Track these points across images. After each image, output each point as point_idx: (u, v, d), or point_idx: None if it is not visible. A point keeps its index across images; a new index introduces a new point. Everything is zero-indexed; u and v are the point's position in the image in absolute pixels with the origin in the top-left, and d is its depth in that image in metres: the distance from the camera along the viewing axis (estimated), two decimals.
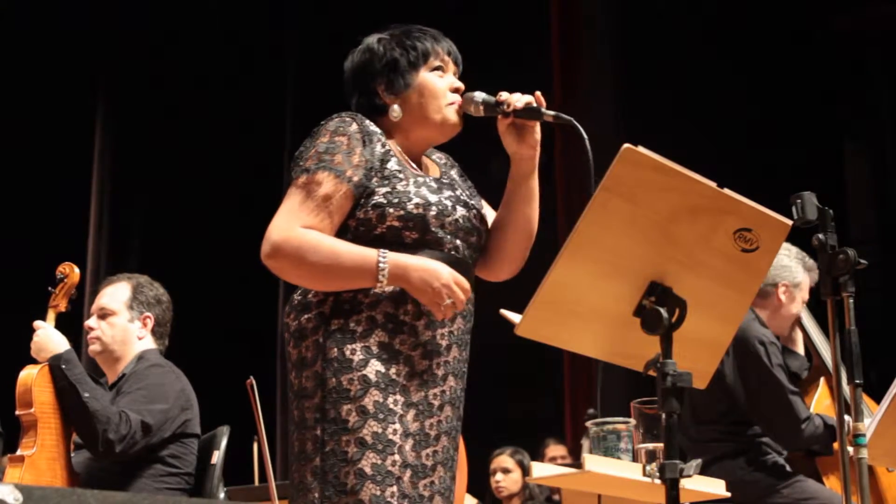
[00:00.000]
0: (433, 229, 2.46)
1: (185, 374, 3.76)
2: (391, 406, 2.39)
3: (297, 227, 2.42)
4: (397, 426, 2.38)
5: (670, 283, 2.12)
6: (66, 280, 3.71)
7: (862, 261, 2.52)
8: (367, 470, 2.35)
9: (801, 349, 4.11)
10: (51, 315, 3.66)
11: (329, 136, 2.48)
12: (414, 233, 2.45)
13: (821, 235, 2.56)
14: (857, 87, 8.06)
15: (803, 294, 3.99)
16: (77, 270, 3.75)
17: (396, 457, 2.37)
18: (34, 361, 3.53)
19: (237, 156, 8.88)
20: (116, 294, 3.79)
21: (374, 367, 2.40)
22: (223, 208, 8.79)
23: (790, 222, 2.24)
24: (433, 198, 2.48)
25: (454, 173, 2.70)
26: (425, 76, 2.58)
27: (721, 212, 2.13)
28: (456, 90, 2.59)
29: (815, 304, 3.76)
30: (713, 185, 2.11)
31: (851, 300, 2.51)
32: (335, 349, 2.42)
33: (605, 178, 2.01)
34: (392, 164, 2.49)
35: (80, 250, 8.92)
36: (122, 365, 3.73)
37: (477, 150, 2.93)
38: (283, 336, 2.57)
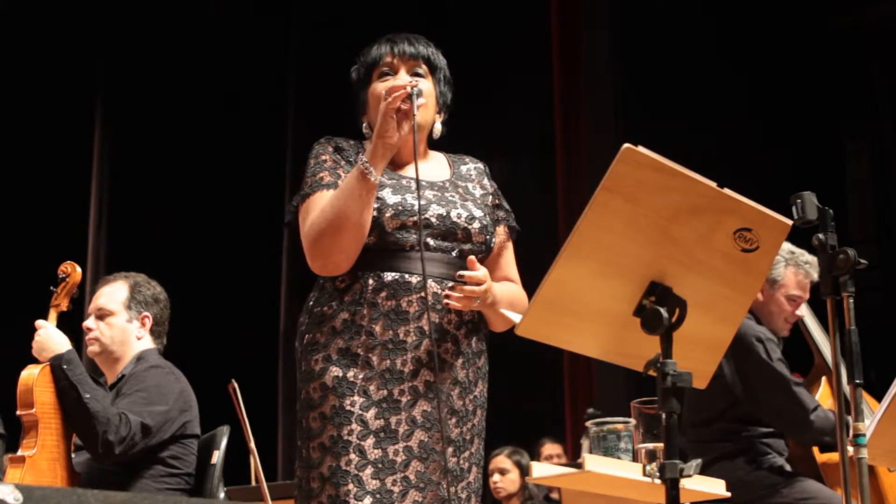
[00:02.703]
0: (389, 230, 2.50)
1: (185, 374, 3.76)
2: (348, 408, 2.46)
3: None
4: (353, 426, 2.45)
5: (670, 283, 2.12)
6: (67, 279, 3.71)
7: (862, 261, 2.52)
8: (325, 472, 2.45)
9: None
10: (52, 314, 3.65)
11: (313, 161, 2.62)
12: (371, 236, 2.50)
13: (821, 235, 2.56)
14: (857, 87, 8.05)
15: (786, 290, 3.95)
16: (79, 269, 3.74)
17: (352, 456, 2.43)
18: (35, 361, 3.52)
19: (237, 155, 8.88)
20: (114, 294, 3.78)
21: (332, 374, 2.49)
22: (224, 208, 8.79)
23: (790, 222, 2.24)
24: (393, 199, 2.52)
25: (472, 176, 2.72)
26: (373, 87, 2.63)
27: (721, 212, 2.13)
28: None
29: (816, 304, 3.76)
30: (713, 185, 2.11)
31: (851, 300, 2.51)
32: (303, 362, 2.55)
33: (605, 178, 2.01)
34: None
35: (81, 250, 8.91)
36: (121, 365, 3.72)
37: (476, 154, 2.93)
38: (283, 336, 2.64)
